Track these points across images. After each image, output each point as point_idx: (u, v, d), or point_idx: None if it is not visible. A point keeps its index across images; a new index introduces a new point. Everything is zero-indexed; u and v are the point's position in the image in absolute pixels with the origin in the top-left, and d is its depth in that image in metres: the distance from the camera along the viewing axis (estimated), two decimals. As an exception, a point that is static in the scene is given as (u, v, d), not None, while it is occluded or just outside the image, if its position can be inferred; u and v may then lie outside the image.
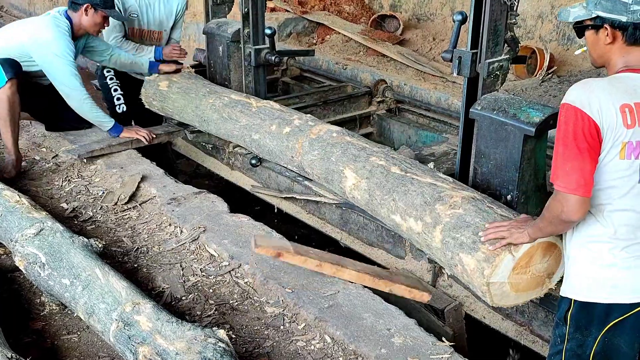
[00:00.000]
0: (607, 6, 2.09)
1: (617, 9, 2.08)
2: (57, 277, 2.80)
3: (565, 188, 2.04)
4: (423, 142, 5.29)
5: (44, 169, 4.36)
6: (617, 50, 2.14)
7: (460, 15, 3.13)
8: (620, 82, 2.08)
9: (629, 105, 2.01)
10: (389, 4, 8.34)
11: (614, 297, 2.10)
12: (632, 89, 2.05)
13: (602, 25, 2.13)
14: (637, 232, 2.10)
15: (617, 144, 2.01)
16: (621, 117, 1.99)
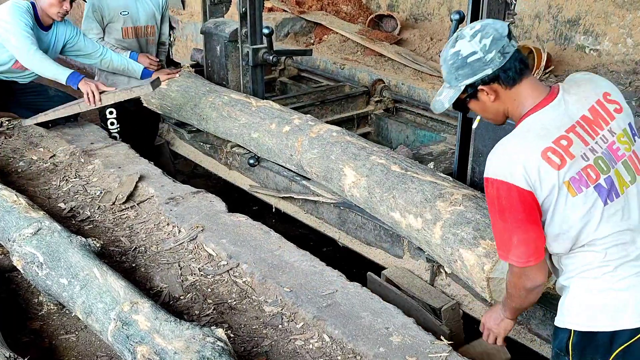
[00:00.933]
0: (467, 72, 2.05)
1: (476, 69, 2.03)
2: (55, 276, 2.80)
3: (519, 262, 2.01)
4: (421, 141, 5.30)
5: (41, 168, 4.35)
6: (506, 100, 2.09)
7: (458, 14, 3.14)
8: (529, 129, 2.01)
9: (549, 147, 1.94)
10: (387, 4, 8.34)
11: (616, 323, 1.99)
12: (543, 130, 1.98)
13: (477, 90, 2.08)
14: (627, 248, 2.01)
15: (561, 187, 1.94)
16: (548, 164, 1.93)
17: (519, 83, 2.05)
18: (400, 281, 3.32)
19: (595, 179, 1.96)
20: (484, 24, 2.04)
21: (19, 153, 4.60)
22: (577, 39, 6.47)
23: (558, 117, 2.00)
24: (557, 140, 1.95)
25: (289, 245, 3.34)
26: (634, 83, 5.70)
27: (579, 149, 1.96)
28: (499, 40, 2.00)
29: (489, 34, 2.01)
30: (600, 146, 1.99)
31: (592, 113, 2.02)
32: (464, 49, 2.04)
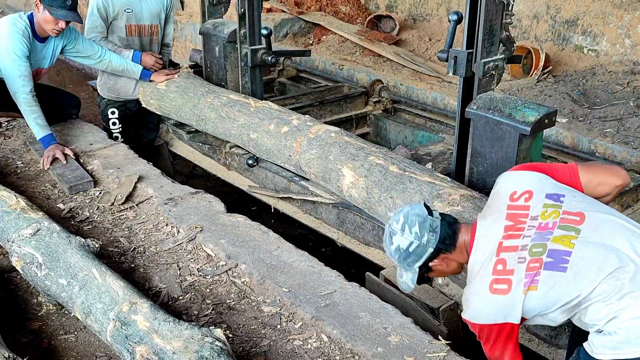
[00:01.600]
0: (414, 258, 2.31)
1: (420, 253, 2.29)
2: (54, 277, 2.81)
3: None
4: (419, 142, 5.31)
5: (40, 169, 4.35)
6: (455, 257, 2.33)
7: (456, 15, 3.15)
8: (472, 273, 2.22)
9: (492, 279, 2.12)
10: (385, 5, 8.35)
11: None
12: (481, 268, 2.18)
13: (429, 266, 2.33)
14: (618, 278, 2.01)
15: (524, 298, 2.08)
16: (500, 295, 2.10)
17: (457, 240, 2.30)
18: (399, 281, 3.32)
19: (539, 265, 2.08)
20: (404, 214, 2.31)
21: (18, 154, 4.61)
22: (575, 39, 6.48)
23: (485, 248, 2.20)
24: (494, 269, 2.14)
25: (288, 246, 3.35)
26: (631, 83, 5.71)
27: (513, 260, 2.12)
28: (424, 223, 2.28)
29: (413, 221, 2.28)
30: (529, 236, 2.14)
31: (510, 218, 2.21)
32: (402, 243, 2.30)
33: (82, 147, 4.58)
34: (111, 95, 5.00)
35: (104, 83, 4.97)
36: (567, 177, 2.33)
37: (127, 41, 4.79)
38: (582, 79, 5.95)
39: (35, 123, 4.31)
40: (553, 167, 2.37)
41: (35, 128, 4.33)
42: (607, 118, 5.14)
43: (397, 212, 2.36)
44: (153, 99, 4.91)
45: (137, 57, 4.80)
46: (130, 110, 5.09)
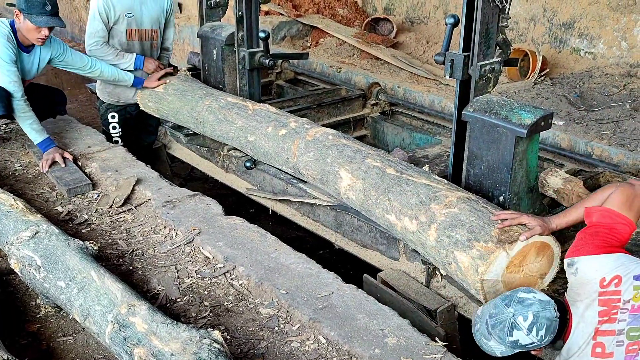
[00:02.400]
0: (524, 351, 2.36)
1: (533, 348, 2.34)
2: (53, 279, 2.82)
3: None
4: (417, 144, 5.32)
5: (38, 172, 4.36)
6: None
7: (453, 18, 3.16)
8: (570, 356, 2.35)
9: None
10: (383, 7, 8.37)
11: None
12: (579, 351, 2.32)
13: None
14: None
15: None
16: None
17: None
18: (396, 283, 3.33)
19: (638, 348, 2.19)
20: (535, 314, 2.29)
21: (16, 156, 4.61)
22: (572, 42, 6.51)
23: (583, 332, 2.29)
24: (593, 351, 2.24)
25: (285, 248, 3.36)
26: (628, 86, 5.73)
27: (611, 344, 2.21)
28: (550, 326, 2.29)
29: (542, 325, 2.28)
30: (624, 320, 2.22)
31: (602, 304, 2.27)
32: (522, 340, 2.30)
33: (80, 149, 4.59)
34: (111, 100, 5.00)
35: (104, 88, 4.98)
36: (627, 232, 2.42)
37: (127, 46, 4.79)
38: (579, 82, 5.97)
39: (31, 129, 4.32)
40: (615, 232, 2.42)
41: (32, 134, 4.33)
42: (603, 120, 5.16)
43: (526, 305, 2.33)
44: (151, 102, 4.92)
45: (139, 60, 4.80)
46: (130, 114, 5.10)
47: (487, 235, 2.64)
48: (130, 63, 4.79)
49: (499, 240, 2.59)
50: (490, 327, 2.35)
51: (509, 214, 2.70)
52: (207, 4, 5.15)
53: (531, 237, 2.55)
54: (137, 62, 4.80)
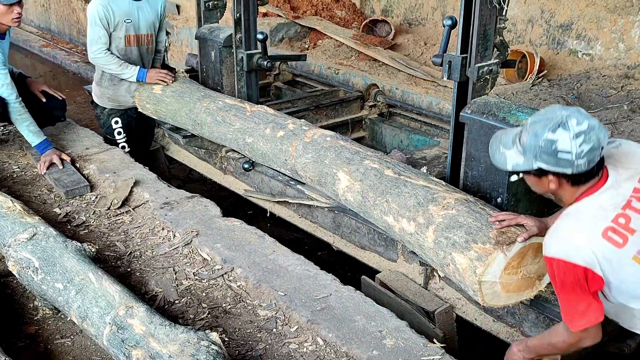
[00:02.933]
0: (550, 161, 2.09)
1: (561, 164, 2.08)
2: (51, 281, 2.81)
3: (589, 323, 2.14)
4: (415, 145, 5.32)
5: (36, 174, 4.36)
6: (566, 192, 2.18)
7: (450, 20, 3.16)
8: (585, 211, 2.13)
9: (609, 226, 2.07)
10: (381, 9, 8.38)
11: None
12: (601, 210, 2.10)
13: (546, 174, 2.15)
14: None
15: (629, 263, 2.07)
16: (610, 243, 2.06)
17: (583, 185, 2.16)
18: (394, 285, 3.34)
19: None
20: (591, 126, 2.05)
21: (14, 158, 4.61)
22: (569, 43, 6.52)
23: (612, 197, 2.12)
24: (615, 219, 2.08)
25: (284, 250, 3.36)
26: (625, 87, 5.74)
27: (638, 222, 2.08)
28: (595, 151, 2.06)
29: (591, 140, 2.04)
30: None
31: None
32: (562, 143, 2.06)
33: (78, 151, 4.59)
34: (112, 104, 4.95)
35: (102, 94, 4.92)
36: None
37: (125, 52, 4.75)
38: (577, 83, 5.98)
39: (28, 131, 4.31)
40: None
41: (29, 136, 4.32)
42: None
43: (585, 115, 2.08)
44: (149, 104, 4.92)
45: (142, 73, 4.77)
46: (131, 117, 5.07)
47: (485, 236, 2.64)
48: (132, 74, 4.74)
49: (496, 242, 2.59)
50: (530, 124, 2.13)
51: (506, 215, 2.70)
52: (205, 5, 5.15)
53: (529, 238, 2.55)
54: (140, 74, 4.75)
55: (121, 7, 4.61)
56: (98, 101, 4.98)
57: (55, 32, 11.81)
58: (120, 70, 4.72)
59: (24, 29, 12.22)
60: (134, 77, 4.76)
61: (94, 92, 4.99)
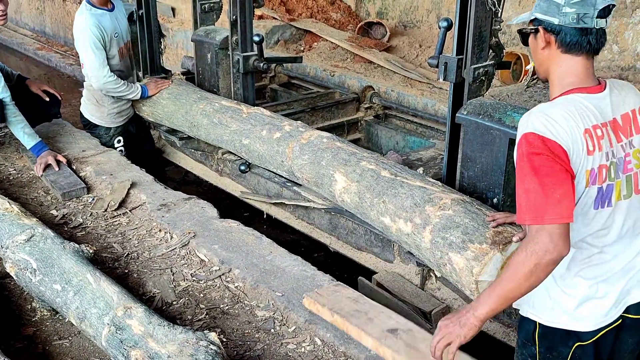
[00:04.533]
0: (543, 7, 2.01)
1: (550, 11, 1.99)
2: (49, 282, 2.82)
3: (562, 218, 1.84)
4: (410, 147, 5.34)
5: (32, 176, 4.36)
6: (553, 59, 2.04)
7: (446, 21, 3.19)
8: (573, 104, 1.97)
9: (588, 130, 1.92)
10: (376, 12, 8.40)
11: (573, 325, 2.07)
12: (587, 111, 1.95)
13: (538, 29, 2.04)
14: (593, 258, 2.05)
15: (582, 172, 1.93)
16: (585, 144, 1.91)
17: (572, 55, 2.00)
18: (391, 285, 3.35)
19: (603, 180, 1.96)
20: None
21: (11, 160, 4.61)
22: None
23: (600, 107, 1.98)
24: (595, 127, 1.94)
25: (281, 251, 3.37)
26: (620, 89, 5.77)
27: (606, 145, 1.96)
28: (587, 6, 1.95)
29: None
30: (617, 152, 1.99)
31: (623, 119, 2.02)
32: None
33: (74, 153, 4.59)
34: (117, 122, 4.89)
35: (106, 114, 4.81)
36: None
37: (120, 66, 4.71)
38: (571, 85, 6.00)
39: (23, 133, 4.31)
40: None
41: (24, 138, 4.32)
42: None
43: None
44: (145, 106, 4.93)
45: (144, 90, 4.77)
46: (131, 132, 5.06)
47: (481, 236, 2.66)
48: (137, 93, 4.74)
49: (493, 242, 2.61)
50: None
51: (502, 215, 2.72)
52: (201, 8, 5.17)
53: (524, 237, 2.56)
54: (143, 91, 4.76)
55: (107, 23, 4.57)
56: (100, 122, 4.87)
57: (50, 34, 11.80)
58: (127, 91, 4.70)
59: (19, 32, 12.22)
60: (139, 94, 4.74)
61: (92, 114, 4.87)
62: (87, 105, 4.88)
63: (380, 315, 2.69)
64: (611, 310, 2.08)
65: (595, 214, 2.00)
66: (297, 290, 3.01)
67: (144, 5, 5.19)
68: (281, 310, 2.91)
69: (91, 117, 4.88)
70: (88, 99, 4.84)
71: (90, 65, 4.53)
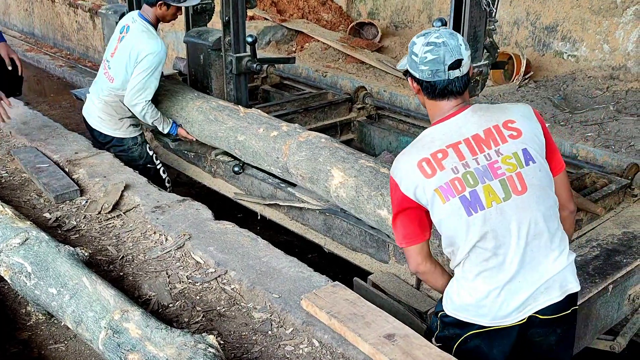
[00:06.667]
0: (409, 61, 2.29)
1: (412, 66, 2.27)
2: (44, 286, 2.79)
3: (397, 243, 2.40)
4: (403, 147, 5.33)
5: (25, 178, 4.33)
6: (425, 102, 2.35)
7: (440, 21, 3.18)
8: (421, 139, 2.32)
9: (425, 158, 2.22)
10: (367, 12, 8.42)
11: (474, 319, 2.31)
12: (430, 142, 2.26)
13: (410, 76, 2.32)
14: (488, 260, 2.24)
15: (433, 194, 2.20)
16: (420, 173, 2.21)
17: (437, 100, 2.29)
18: (387, 286, 3.35)
19: (460, 190, 2.19)
20: (445, 44, 2.20)
21: (2, 163, 4.58)
22: (555, 45, 6.58)
23: (449, 132, 2.25)
24: (435, 153, 2.22)
25: (277, 252, 3.36)
26: (611, 88, 5.81)
27: (450, 163, 2.20)
28: (437, 64, 2.20)
29: (437, 52, 2.19)
30: (477, 162, 2.20)
31: (485, 134, 2.23)
32: (415, 47, 2.25)
33: (67, 155, 4.56)
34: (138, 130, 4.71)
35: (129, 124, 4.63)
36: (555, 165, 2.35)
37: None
38: (563, 84, 6.04)
39: None
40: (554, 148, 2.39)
41: None
42: (588, 122, 5.23)
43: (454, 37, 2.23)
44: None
45: (174, 129, 4.63)
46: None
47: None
48: (168, 127, 4.59)
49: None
50: None
51: None
52: (193, 9, 5.15)
53: None
54: (172, 128, 4.61)
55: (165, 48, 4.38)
56: (126, 135, 4.66)
57: (39, 36, 11.74)
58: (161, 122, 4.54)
59: (7, 34, 12.15)
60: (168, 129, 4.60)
61: (114, 129, 4.63)
62: (105, 121, 4.62)
63: (378, 319, 2.69)
64: (513, 313, 2.28)
65: (473, 220, 2.20)
66: (294, 292, 3.00)
67: (135, 6, 5.16)
68: (278, 312, 2.91)
69: (114, 132, 4.63)
70: (109, 113, 4.58)
71: (143, 88, 4.32)
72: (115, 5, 5.45)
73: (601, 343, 3.36)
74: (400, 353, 2.47)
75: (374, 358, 2.52)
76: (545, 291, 2.26)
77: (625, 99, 5.59)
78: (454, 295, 2.36)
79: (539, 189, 2.22)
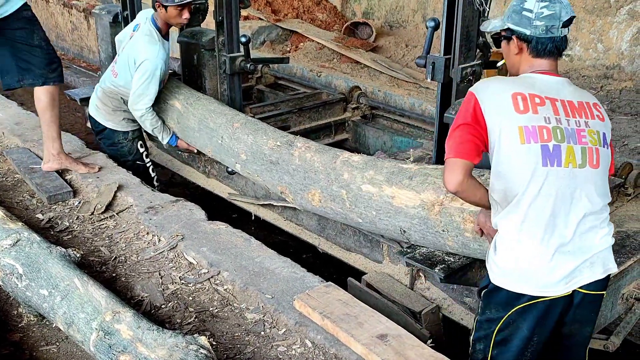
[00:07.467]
0: (515, 19, 2.26)
1: (522, 23, 2.24)
2: (35, 287, 2.78)
3: (450, 153, 2.22)
4: (398, 147, 5.34)
5: (17, 179, 4.32)
6: (524, 61, 2.31)
7: (433, 21, 3.18)
8: (521, 79, 2.27)
9: (522, 94, 2.18)
10: (362, 12, 8.41)
11: (520, 287, 2.22)
12: (530, 84, 2.22)
13: (512, 37, 2.29)
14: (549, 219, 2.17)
15: (512, 129, 2.15)
16: (512, 104, 2.16)
17: (541, 58, 2.27)
18: (381, 286, 3.34)
19: (546, 139, 2.15)
20: (559, 0, 2.21)
21: (-5, 164, 4.57)
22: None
23: (548, 86, 2.23)
24: (533, 95, 2.19)
25: (270, 252, 3.36)
26: (605, 87, 5.81)
27: (545, 112, 2.17)
28: (553, 19, 2.20)
29: (553, 8, 2.20)
30: (568, 123, 2.18)
31: (579, 104, 2.24)
32: (527, 3, 2.23)
33: (60, 156, 4.53)
34: (132, 125, 4.63)
35: (123, 118, 4.57)
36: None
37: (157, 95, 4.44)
38: (557, 84, 6.03)
39: None
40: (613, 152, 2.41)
41: None
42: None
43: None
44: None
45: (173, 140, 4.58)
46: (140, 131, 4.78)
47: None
48: (167, 138, 4.54)
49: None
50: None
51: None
52: (187, 9, 5.12)
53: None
54: (172, 139, 4.56)
55: (167, 57, 4.38)
56: (118, 127, 4.60)
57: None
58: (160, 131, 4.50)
59: (2, 34, 12.09)
60: (167, 140, 4.55)
61: (106, 119, 4.57)
62: (100, 110, 4.58)
63: (371, 319, 2.69)
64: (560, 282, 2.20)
65: (544, 171, 2.15)
66: (287, 292, 2.99)
67: (129, 7, 5.15)
68: (271, 313, 2.90)
69: (105, 122, 4.58)
70: (104, 103, 4.54)
71: (142, 94, 4.27)
72: (109, 5, 5.42)
73: (595, 342, 3.35)
74: (393, 353, 2.46)
75: (366, 358, 2.52)
76: (590, 266, 2.23)
77: (619, 98, 5.59)
78: (499, 260, 2.26)
79: (605, 171, 2.26)
